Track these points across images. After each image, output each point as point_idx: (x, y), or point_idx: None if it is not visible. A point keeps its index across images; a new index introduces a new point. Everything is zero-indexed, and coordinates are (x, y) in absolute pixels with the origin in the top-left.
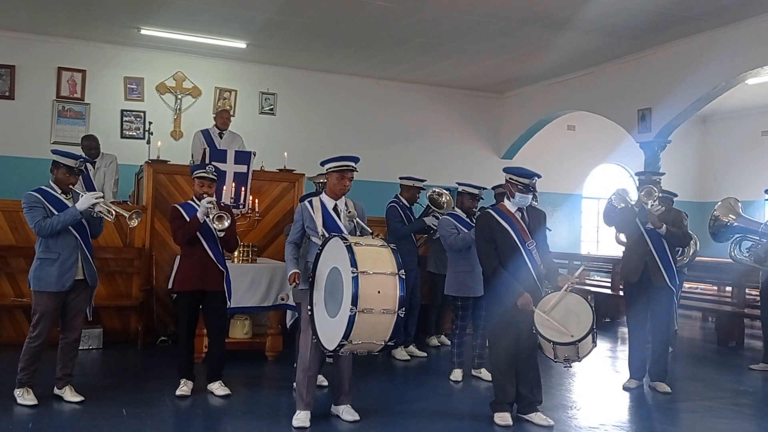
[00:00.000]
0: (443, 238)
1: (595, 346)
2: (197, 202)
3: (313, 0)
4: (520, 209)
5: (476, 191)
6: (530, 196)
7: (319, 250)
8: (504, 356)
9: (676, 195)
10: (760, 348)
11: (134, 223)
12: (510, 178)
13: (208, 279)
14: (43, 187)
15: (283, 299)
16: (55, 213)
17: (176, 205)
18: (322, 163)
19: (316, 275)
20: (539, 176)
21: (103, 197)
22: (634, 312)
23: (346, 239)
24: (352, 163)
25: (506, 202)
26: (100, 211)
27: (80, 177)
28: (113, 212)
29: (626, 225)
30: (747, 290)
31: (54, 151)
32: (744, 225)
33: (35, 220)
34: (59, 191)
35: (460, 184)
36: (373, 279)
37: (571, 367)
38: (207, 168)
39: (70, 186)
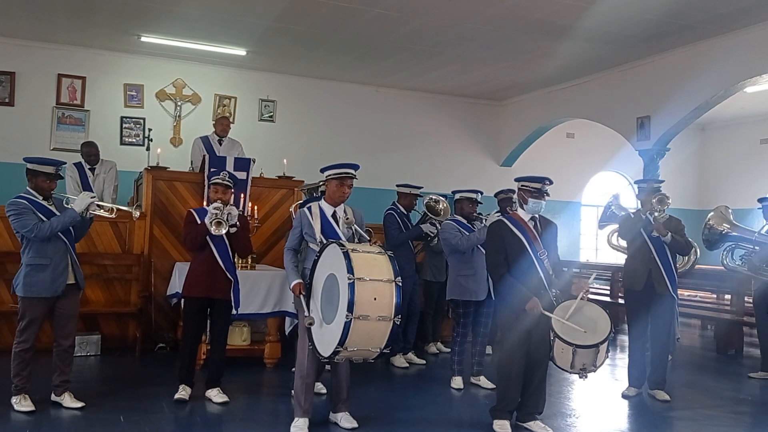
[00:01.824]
0: (446, 242)
1: (608, 356)
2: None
3: (313, 8)
4: (533, 218)
5: (474, 195)
6: (543, 202)
7: (316, 256)
8: (517, 364)
9: (670, 200)
10: (759, 356)
11: (138, 213)
12: (522, 185)
13: (215, 287)
14: (24, 194)
15: (311, 324)
16: (44, 219)
17: (191, 210)
18: (322, 170)
19: (313, 282)
20: (551, 181)
21: (95, 196)
22: (635, 320)
23: (343, 246)
24: (352, 170)
25: (519, 211)
26: (95, 211)
27: (80, 183)
28: (113, 209)
29: (630, 232)
30: (746, 298)
31: (28, 159)
32: (738, 233)
33: (30, 224)
34: (41, 198)
35: (456, 192)
36: (369, 286)
37: (586, 377)
38: (221, 174)
39: (51, 192)
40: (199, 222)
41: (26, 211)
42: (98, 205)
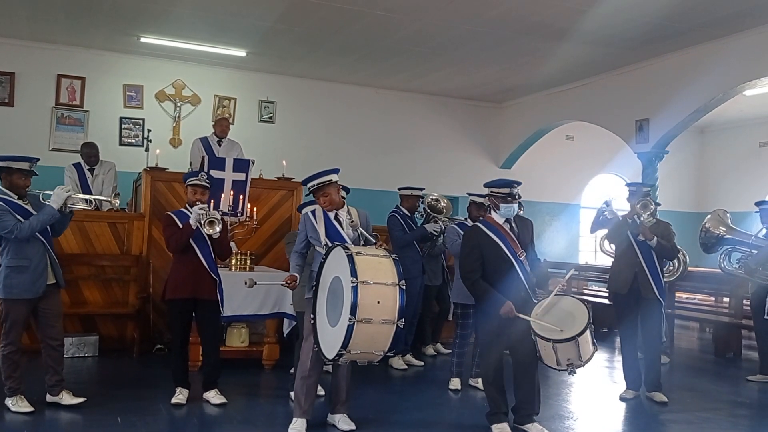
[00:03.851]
0: (447, 246)
1: (596, 349)
2: (190, 209)
3: (314, 9)
4: (508, 220)
5: (481, 199)
6: (515, 205)
7: (322, 259)
8: (493, 367)
9: (659, 204)
10: (758, 359)
11: (117, 201)
12: (491, 192)
13: (201, 287)
14: None
15: (245, 283)
16: (21, 219)
17: (169, 213)
18: (303, 183)
19: (320, 284)
20: (519, 183)
21: (71, 190)
22: (624, 323)
23: (348, 249)
24: (327, 178)
25: (493, 215)
26: (73, 205)
27: (79, 183)
28: (92, 201)
29: (618, 236)
30: (744, 301)
31: (1, 158)
32: (735, 237)
33: (9, 224)
34: (15, 197)
35: (469, 194)
36: (373, 289)
37: (575, 373)
38: (199, 175)
39: (26, 190)
40: (180, 225)
41: (3, 212)
42: (76, 198)
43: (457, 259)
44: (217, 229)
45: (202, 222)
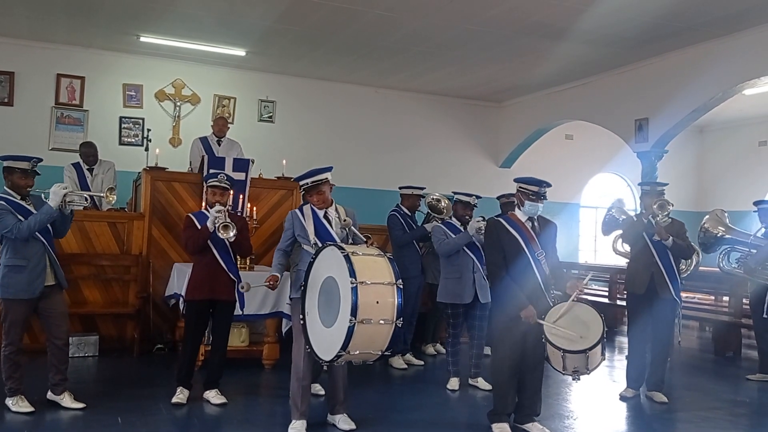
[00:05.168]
0: (434, 245)
1: (604, 358)
2: (209, 211)
3: (313, 8)
4: (531, 219)
5: (467, 198)
6: (540, 205)
7: (312, 258)
8: (508, 366)
9: (671, 205)
10: (757, 358)
11: (114, 197)
12: (520, 187)
13: (219, 288)
14: (1, 195)
15: (243, 288)
16: (22, 219)
17: (189, 214)
18: (296, 181)
19: (309, 284)
20: (549, 185)
21: (68, 187)
22: (636, 323)
23: (343, 249)
24: (321, 176)
25: (517, 212)
26: (72, 201)
27: (78, 183)
28: (87, 197)
29: (632, 236)
30: (744, 300)
31: (2, 158)
32: (734, 237)
33: (9, 224)
34: (18, 197)
35: (455, 192)
36: (371, 289)
37: (579, 379)
38: (219, 177)
39: (28, 190)
40: (199, 226)
41: (4, 212)
42: (74, 195)
43: (443, 258)
44: (231, 233)
45: (217, 225)
